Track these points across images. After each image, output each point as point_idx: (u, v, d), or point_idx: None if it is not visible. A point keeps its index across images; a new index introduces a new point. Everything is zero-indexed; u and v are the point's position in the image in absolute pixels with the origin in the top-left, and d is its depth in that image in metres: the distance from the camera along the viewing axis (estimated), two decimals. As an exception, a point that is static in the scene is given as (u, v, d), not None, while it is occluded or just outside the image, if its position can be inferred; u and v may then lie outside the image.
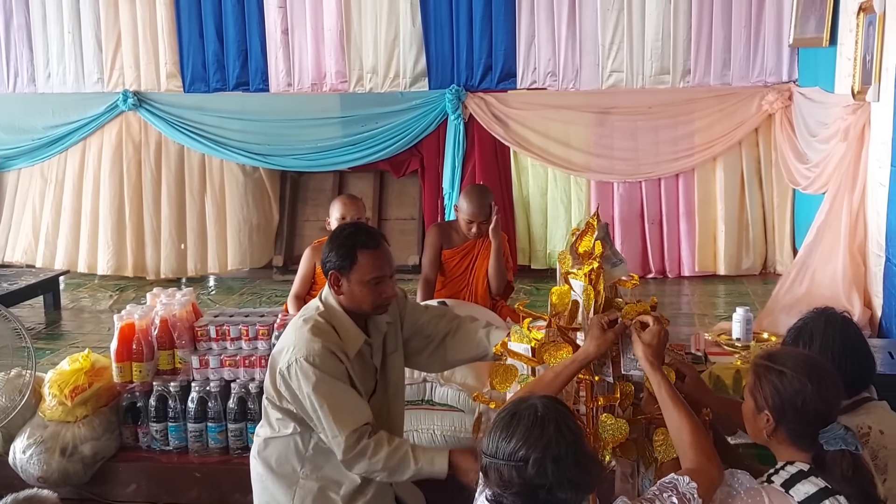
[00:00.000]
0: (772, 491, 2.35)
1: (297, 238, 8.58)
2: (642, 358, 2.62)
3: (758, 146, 7.87)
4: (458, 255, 5.27)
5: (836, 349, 2.86)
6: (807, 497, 2.30)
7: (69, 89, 8.55)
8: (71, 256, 8.55)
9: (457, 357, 3.41)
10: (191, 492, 4.25)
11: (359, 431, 3.01)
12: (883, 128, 5.40)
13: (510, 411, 2.21)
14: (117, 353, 4.33)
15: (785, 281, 6.24)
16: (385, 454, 3.02)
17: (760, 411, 2.45)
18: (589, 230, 2.96)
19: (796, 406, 2.39)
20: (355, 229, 3.23)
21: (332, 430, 3.02)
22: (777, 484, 2.36)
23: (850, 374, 2.80)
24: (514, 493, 2.14)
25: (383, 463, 3.03)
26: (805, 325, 2.97)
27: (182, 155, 8.45)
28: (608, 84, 7.95)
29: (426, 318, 3.46)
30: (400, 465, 3.04)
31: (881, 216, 5.39)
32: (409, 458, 3.04)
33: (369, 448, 3.01)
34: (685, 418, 2.47)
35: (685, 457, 2.43)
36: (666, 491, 2.26)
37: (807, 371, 2.43)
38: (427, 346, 3.44)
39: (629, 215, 8.00)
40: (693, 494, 2.26)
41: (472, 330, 3.38)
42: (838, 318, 2.99)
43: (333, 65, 8.24)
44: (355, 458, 3.03)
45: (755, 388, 2.48)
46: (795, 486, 2.33)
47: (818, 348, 2.86)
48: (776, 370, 2.44)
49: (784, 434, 2.43)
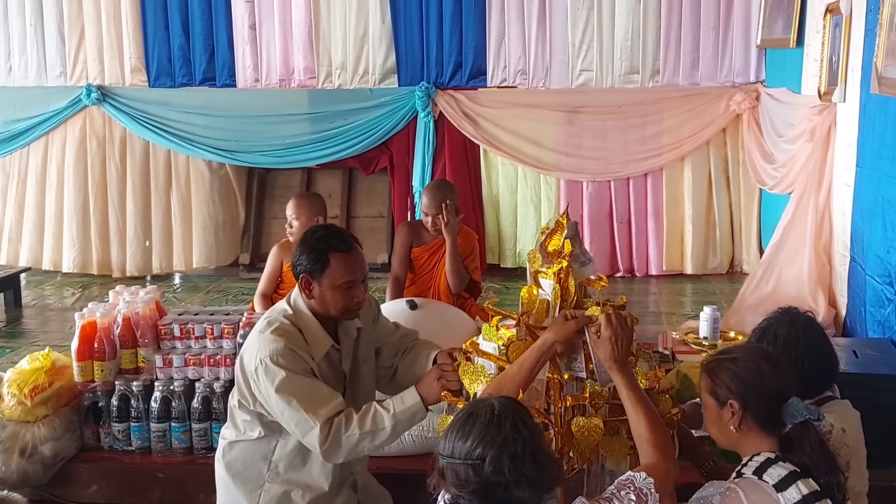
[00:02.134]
0: (745, 484, 2.37)
1: (264, 236, 8.51)
2: (604, 360, 2.62)
3: (725, 146, 7.93)
4: (427, 252, 5.25)
5: (800, 349, 2.88)
6: (780, 479, 2.34)
7: (31, 83, 8.41)
8: (35, 253, 8.44)
9: (405, 377, 3.34)
10: (154, 493, 4.18)
11: (332, 419, 2.95)
12: (848, 128, 5.45)
13: (467, 411, 2.20)
14: (78, 352, 4.23)
15: (751, 280, 6.29)
16: (357, 421, 2.93)
17: (724, 404, 2.49)
18: (558, 229, 2.94)
19: (757, 385, 2.45)
20: (327, 232, 3.17)
21: (307, 423, 2.93)
22: (748, 473, 2.39)
23: (812, 373, 2.84)
24: (471, 491, 2.12)
25: (360, 429, 2.93)
26: (769, 325, 2.99)
27: (147, 151, 8.35)
28: (578, 83, 7.96)
29: (395, 338, 3.43)
30: (376, 423, 2.94)
31: (846, 216, 5.44)
32: (380, 412, 2.95)
33: (341, 425, 2.93)
34: (644, 415, 2.48)
35: (643, 452, 2.45)
36: (623, 489, 2.27)
37: (756, 352, 2.55)
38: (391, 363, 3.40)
39: (598, 214, 8.03)
40: (650, 490, 2.26)
41: (420, 351, 3.35)
42: (802, 318, 3.01)
43: (302, 60, 8.18)
44: (333, 442, 2.94)
45: (713, 384, 2.53)
46: (767, 470, 2.37)
47: (781, 348, 2.88)
48: (729, 359, 2.53)
49: (751, 421, 2.46)
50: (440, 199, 5.07)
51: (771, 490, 2.33)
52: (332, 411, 2.94)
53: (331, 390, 3.01)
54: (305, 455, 3.14)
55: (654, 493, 2.26)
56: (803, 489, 2.32)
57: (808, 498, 2.31)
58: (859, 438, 2.88)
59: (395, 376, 3.39)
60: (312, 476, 3.16)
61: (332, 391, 3.01)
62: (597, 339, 2.64)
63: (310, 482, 3.15)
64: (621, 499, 2.23)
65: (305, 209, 5.03)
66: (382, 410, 2.96)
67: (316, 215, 5.04)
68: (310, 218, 5.01)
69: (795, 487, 2.32)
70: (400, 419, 2.96)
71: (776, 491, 2.33)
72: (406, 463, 4.07)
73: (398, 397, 3.01)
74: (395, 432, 2.98)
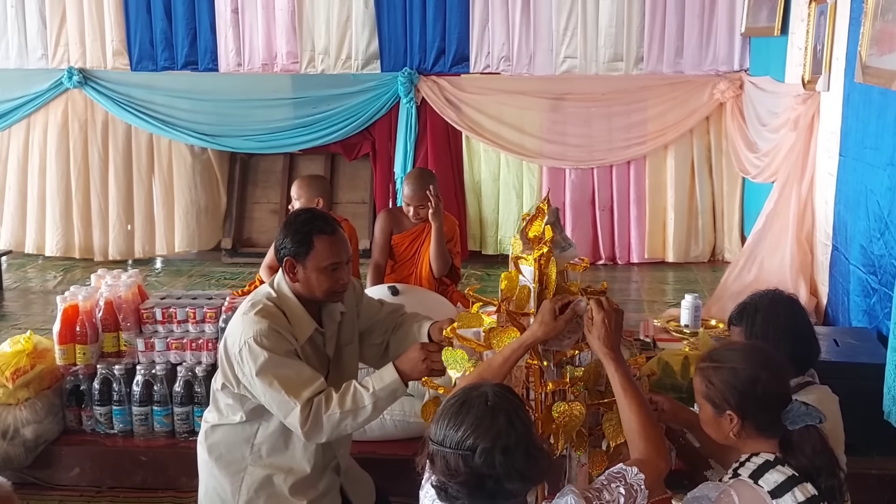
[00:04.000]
0: (739, 486, 2.34)
1: (247, 220, 8.50)
2: (596, 349, 2.60)
3: (709, 134, 7.96)
4: (408, 239, 5.25)
5: (780, 325, 2.89)
6: (776, 486, 2.30)
7: (12, 65, 8.35)
8: (17, 236, 8.41)
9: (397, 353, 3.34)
10: (136, 476, 4.18)
11: (312, 400, 2.95)
12: (832, 118, 5.47)
13: (460, 399, 2.16)
14: (60, 335, 4.23)
15: (733, 268, 6.32)
16: (336, 400, 2.92)
17: (722, 413, 2.43)
18: (539, 215, 2.94)
19: (756, 396, 2.38)
20: (311, 215, 3.17)
21: (288, 404, 2.92)
22: (744, 476, 2.36)
23: (791, 352, 2.81)
24: (460, 482, 2.08)
25: (340, 409, 2.92)
26: (751, 301, 3.00)
27: (130, 135, 8.32)
28: (562, 70, 7.96)
29: (383, 314, 3.43)
30: (356, 402, 2.93)
31: (829, 205, 5.47)
32: (359, 390, 2.94)
33: (321, 404, 2.92)
34: (636, 408, 2.45)
35: (634, 446, 2.42)
36: (614, 481, 2.25)
37: (756, 360, 2.44)
38: (381, 340, 3.40)
39: (580, 202, 8.04)
40: (640, 485, 2.25)
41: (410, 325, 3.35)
42: (785, 297, 3.03)
43: (285, 45, 8.14)
44: (314, 423, 2.92)
45: (709, 391, 2.46)
46: (763, 475, 2.33)
47: (761, 322, 2.88)
48: (726, 368, 2.44)
49: (752, 428, 2.41)
50: (422, 188, 5.06)
51: (766, 496, 2.30)
52: (312, 392, 2.94)
53: (313, 372, 3.01)
54: (287, 438, 3.14)
55: (644, 490, 2.24)
56: (799, 496, 2.28)
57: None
58: (837, 422, 2.89)
59: (386, 352, 3.38)
60: (295, 459, 3.16)
61: (314, 373, 3.01)
62: (589, 326, 2.63)
63: (292, 465, 3.15)
64: (611, 491, 2.21)
65: (305, 190, 5.02)
66: (362, 389, 2.96)
67: (315, 197, 5.02)
68: (309, 200, 5.01)
69: (791, 495, 2.28)
70: (380, 396, 2.96)
71: (771, 497, 2.29)
72: (388, 448, 4.10)
73: (377, 375, 3.01)
74: (376, 409, 2.98)
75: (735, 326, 3.02)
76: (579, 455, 2.82)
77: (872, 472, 3.80)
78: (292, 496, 3.14)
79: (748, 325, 2.95)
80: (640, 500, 2.25)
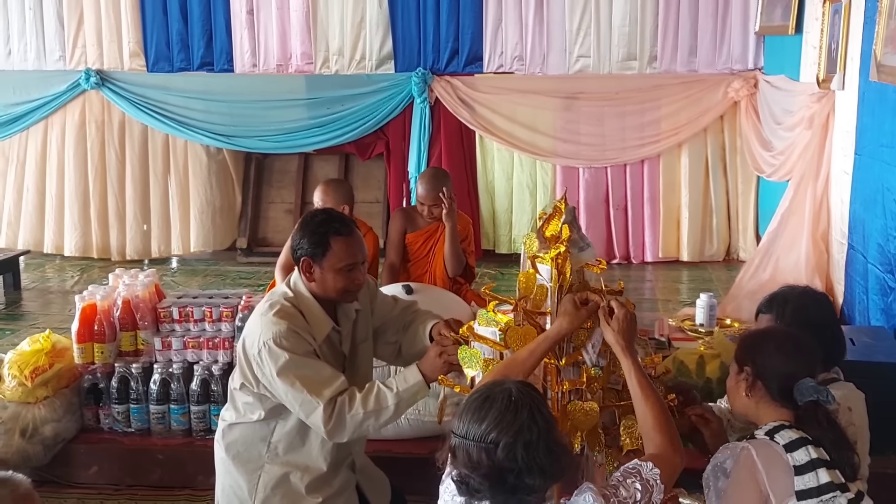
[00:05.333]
0: (756, 443, 2.44)
1: (262, 220, 8.53)
2: (613, 343, 2.62)
3: (723, 133, 7.93)
4: (421, 238, 5.26)
5: (808, 318, 2.90)
6: (790, 441, 2.42)
7: (30, 67, 8.41)
8: (36, 237, 8.47)
9: (410, 352, 3.37)
10: (153, 474, 4.21)
11: (335, 399, 2.98)
12: (847, 116, 5.45)
13: (483, 393, 2.19)
14: (78, 334, 4.27)
15: (749, 267, 6.31)
16: (360, 400, 2.95)
17: (741, 370, 2.59)
18: (556, 214, 2.95)
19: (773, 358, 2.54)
20: (327, 216, 3.19)
21: (310, 404, 2.95)
22: (761, 434, 2.48)
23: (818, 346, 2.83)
24: (482, 475, 2.12)
25: (364, 409, 2.94)
26: (782, 291, 3.05)
27: (146, 135, 8.36)
28: (575, 69, 7.96)
29: (397, 311, 3.45)
30: (380, 402, 2.96)
31: (845, 204, 5.45)
32: (383, 391, 2.97)
33: (345, 404, 2.95)
34: (653, 404, 2.47)
35: (650, 442, 2.44)
36: (630, 477, 2.27)
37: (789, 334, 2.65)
38: (395, 338, 3.42)
39: (594, 201, 8.03)
40: (656, 480, 2.26)
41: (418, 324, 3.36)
42: (816, 292, 3.10)
43: (299, 46, 8.17)
44: (338, 423, 2.95)
45: (739, 351, 2.65)
46: (779, 433, 2.45)
47: (790, 312, 2.91)
48: (761, 332, 2.68)
49: (763, 391, 2.54)
50: (436, 188, 5.08)
51: (781, 450, 2.40)
52: (335, 391, 2.96)
53: (333, 371, 3.03)
54: (304, 436, 3.16)
55: (660, 485, 2.26)
56: (812, 453, 2.39)
57: (817, 462, 2.38)
58: (864, 419, 2.91)
59: (400, 352, 3.41)
60: (311, 457, 3.17)
61: (335, 371, 3.03)
62: (608, 320, 2.65)
63: (308, 463, 3.17)
64: (627, 487, 2.23)
65: (332, 196, 4.97)
66: (386, 389, 2.98)
67: (342, 203, 4.92)
68: (336, 205, 4.96)
69: (805, 450, 2.39)
70: (403, 397, 2.99)
71: (786, 451, 2.39)
72: (403, 446, 4.11)
73: (401, 376, 3.04)
74: (398, 410, 3.01)
75: (764, 314, 3.05)
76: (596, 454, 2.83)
77: (888, 471, 3.78)
78: (308, 494, 3.16)
79: (778, 314, 2.97)
80: (657, 495, 2.26)
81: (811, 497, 2.36)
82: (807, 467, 2.38)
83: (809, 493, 2.36)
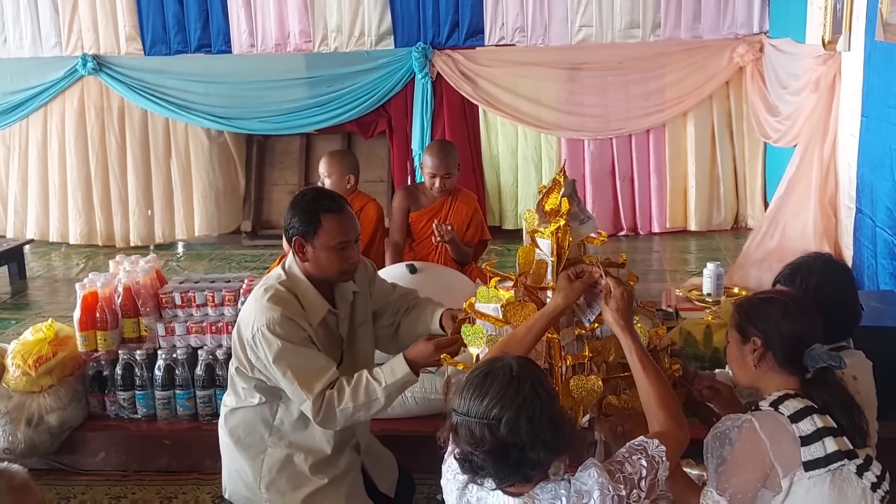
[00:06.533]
0: (760, 415, 2.40)
1: (265, 202, 8.49)
2: (612, 322, 2.59)
3: (729, 100, 7.85)
4: (426, 216, 5.20)
5: (831, 290, 2.84)
6: (796, 411, 2.37)
7: (27, 54, 8.36)
8: (41, 225, 8.48)
9: (407, 336, 3.34)
10: (161, 459, 4.20)
11: (324, 392, 2.96)
12: (853, 78, 5.37)
13: (484, 370, 2.18)
14: (81, 322, 4.25)
15: (756, 235, 6.25)
16: (349, 393, 2.94)
17: (747, 341, 2.52)
18: (555, 187, 2.90)
19: (781, 326, 2.47)
20: (317, 193, 3.15)
21: (301, 396, 2.96)
22: (765, 406, 2.43)
23: (837, 319, 2.79)
24: (486, 451, 2.11)
25: (353, 402, 2.94)
26: (804, 262, 2.96)
27: (146, 120, 8.33)
28: (577, 39, 7.87)
29: (395, 296, 3.41)
30: (368, 394, 2.95)
31: (852, 168, 5.39)
32: (371, 383, 2.96)
33: (334, 397, 2.94)
34: (654, 381, 2.45)
35: (654, 418, 2.41)
36: (635, 454, 2.25)
37: (789, 296, 2.58)
38: (391, 322, 3.39)
39: (600, 172, 7.97)
40: (662, 457, 2.25)
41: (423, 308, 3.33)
42: (839, 263, 3.03)
43: (297, 24, 8.10)
44: (328, 414, 2.95)
45: (740, 319, 2.56)
46: (784, 403, 2.40)
47: (815, 284, 2.84)
48: (760, 298, 2.58)
49: (772, 360, 2.48)
50: (448, 158, 5.04)
51: (786, 421, 2.35)
52: (324, 384, 2.95)
53: (326, 361, 3.00)
54: (307, 419, 3.14)
55: (666, 462, 2.26)
56: (818, 422, 2.35)
57: (823, 431, 2.34)
58: (871, 387, 2.88)
59: (396, 334, 3.38)
60: (315, 439, 3.16)
61: (328, 361, 3.01)
62: (607, 299, 2.61)
63: (312, 445, 3.16)
64: (633, 463, 2.22)
65: (337, 167, 4.98)
66: (374, 382, 2.96)
67: (347, 174, 4.97)
68: (342, 176, 4.97)
69: (810, 420, 2.35)
70: (391, 390, 2.98)
71: (791, 422, 2.35)
72: (410, 425, 4.09)
73: (388, 367, 3.01)
74: (388, 401, 3.01)
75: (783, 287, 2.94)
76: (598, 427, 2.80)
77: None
78: (313, 475, 3.15)
79: (801, 284, 2.88)
80: (662, 471, 2.26)
81: (819, 467, 2.33)
82: (813, 437, 2.34)
83: (817, 464, 2.33)
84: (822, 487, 2.32)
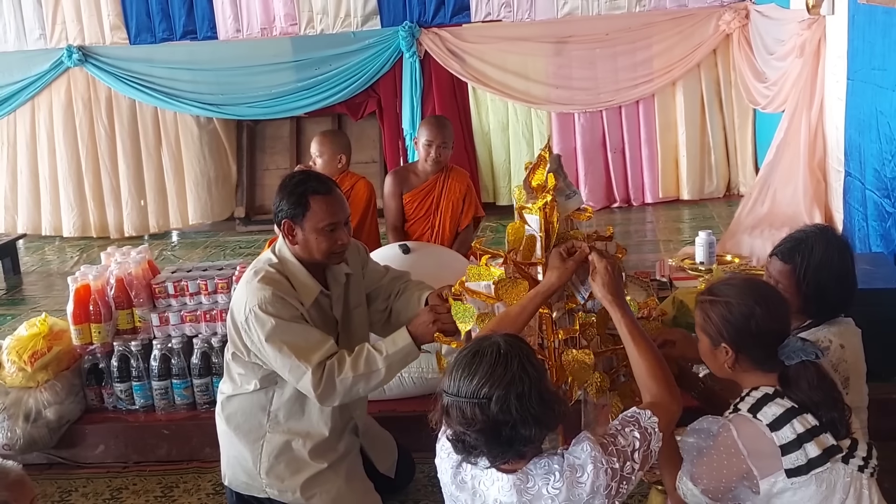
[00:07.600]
0: (738, 421, 2.35)
1: (258, 188, 8.48)
2: (601, 297, 2.60)
3: (716, 67, 7.82)
4: (418, 197, 5.19)
5: (833, 269, 2.81)
6: (775, 419, 2.31)
7: (11, 48, 8.30)
8: (34, 220, 8.45)
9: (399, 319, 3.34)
10: (160, 449, 4.22)
11: (324, 363, 2.95)
12: (838, 41, 5.36)
13: (472, 349, 2.19)
14: (74, 316, 4.24)
15: (747, 202, 6.26)
16: (350, 363, 2.95)
17: (717, 346, 2.45)
18: (541, 163, 2.91)
19: (750, 331, 2.39)
20: (305, 176, 3.16)
21: (299, 369, 2.94)
22: (743, 410, 2.36)
23: (836, 297, 2.80)
24: (477, 430, 2.12)
25: (353, 372, 2.94)
26: (806, 237, 2.88)
27: (134, 110, 8.29)
28: (563, 12, 7.84)
29: (387, 280, 3.42)
30: (370, 365, 2.96)
31: (839, 131, 5.39)
32: (372, 353, 2.97)
33: (334, 368, 2.94)
34: (646, 352, 2.45)
35: (646, 389, 2.42)
36: (628, 425, 2.26)
37: (751, 295, 2.44)
38: (385, 306, 3.39)
39: (591, 145, 7.95)
40: (654, 428, 2.26)
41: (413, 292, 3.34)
42: (841, 239, 2.96)
43: (282, 7, 8.05)
44: (328, 387, 2.94)
45: (706, 324, 2.48)
46: (762, 409, 2.34)
47: (817, 263, 2.79)
48: (721, 302, 2.45)
49: (747, 362, 2.43)
50: (445, 127, 5.06)
51: (764, 429, 2.31)
52: (323, 355, 2.95)
53: (322, 334, 3.01)
54: (303, 403, 3.16)
55: (658, 433, 2.26)
56: (798, 427, 2.29)
57: (804, 436, 2.29)
58: (858, 355, 2.85)
59: (389, 319, 3.39)
60: (312, 423, 3.17)
61: (324, 335, 3.01)
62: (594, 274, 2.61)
63: (310, 430, 3.17)
64: (626, 435, 2.23)
65: (328, 147, 4.98)
66: (375, 352, 2.96)
67: (339, 153, 4.98)
68: (333, 156, 4.97)
69: (790, 426, 2.29)
70: (393, 361, 2.97)
71: (770, 430, 2.30)
72: (408, 405, 4.10)
73: (390, 339, 3.01)
74: (389, 373, 3.00)
75: (784, 263, 2.85)
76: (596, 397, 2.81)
77: (892, 396, 3.77)
78: (312, 459, 3.17)
79: (802, 263, 2.82)
80: (655, 443, 2.26)
81: (802, 474, 2.28)
82: (793, 445, 2.28)
83: (799, 471, 2.28)
84: (808, 489, 2.29)
